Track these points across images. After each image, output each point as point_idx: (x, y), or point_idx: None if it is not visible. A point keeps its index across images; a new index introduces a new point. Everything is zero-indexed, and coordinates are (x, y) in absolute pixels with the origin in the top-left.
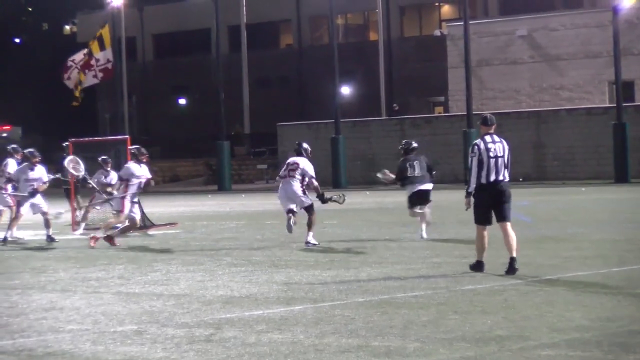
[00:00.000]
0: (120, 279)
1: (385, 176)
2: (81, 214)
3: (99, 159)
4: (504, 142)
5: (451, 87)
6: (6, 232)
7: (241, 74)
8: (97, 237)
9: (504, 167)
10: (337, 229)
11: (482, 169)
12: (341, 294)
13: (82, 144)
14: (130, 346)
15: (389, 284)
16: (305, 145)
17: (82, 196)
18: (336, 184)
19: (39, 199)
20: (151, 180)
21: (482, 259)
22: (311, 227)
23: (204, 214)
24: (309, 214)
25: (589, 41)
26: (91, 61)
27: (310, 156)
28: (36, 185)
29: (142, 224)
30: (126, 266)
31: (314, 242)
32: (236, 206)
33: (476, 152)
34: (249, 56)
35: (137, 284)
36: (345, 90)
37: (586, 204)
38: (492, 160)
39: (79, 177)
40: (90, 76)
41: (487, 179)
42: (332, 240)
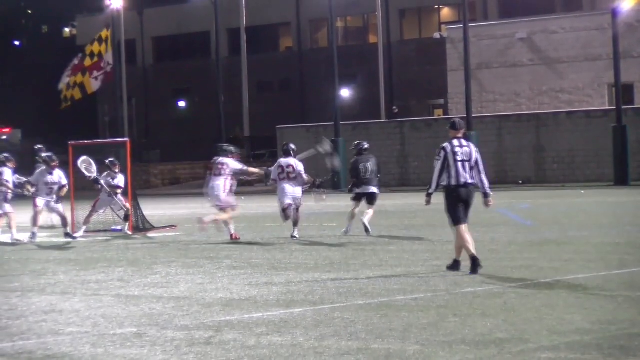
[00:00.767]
0: (120, 282)
1: (323, 147)
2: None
3: (107, 161)
4: (472, 146)
5: (451, 90)
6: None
7: (241, 76)
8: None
9: (471, 171)
10: (336, 232)
11: (449, 171)
12: (341, 297)
13: (82, 147)
14: (130, 349)
15: (389, 287)
16: (292, 145)
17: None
18: (336, 186)
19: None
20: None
21: (458, 259)
22: (297, 223)
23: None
24: (298, 212)
25: (588, 44)
26: (101, 63)
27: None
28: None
29: (141, 226)
30: (126, 269)
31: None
32: (236, 208)
33: (442, 155)
34: (249, 59)
35: (137, 286)
36: (345, 93)
37: (586, 206)
38: (459, 163)
39: (90, 177)
40: (99, 80)
41: (457, 182)
42: (332, 243)
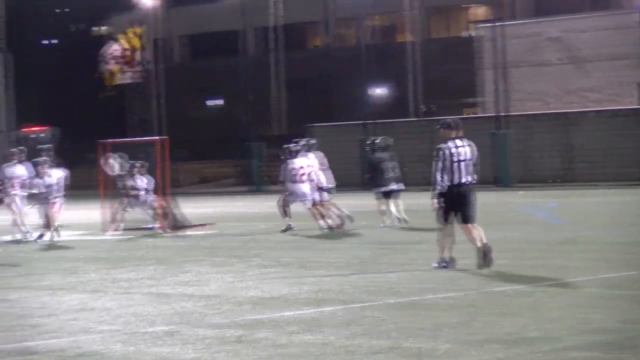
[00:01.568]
0: (150, 280)
1: None
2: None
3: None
4: (471, 145)
5: (480, 88)
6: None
7: (270, 75)
8: None
9: (469, 170)
10: (366, 231)
11: (446, 172)
12: (371, 296)
13: (114, 145)
14: (161, 347)
15: (419, 286)
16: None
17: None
18: (365, 185)
19: None
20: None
21: (444, 255)
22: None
23: (234, 215)
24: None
25: (616, 43)
26: (133, 61)
27: None
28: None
29: (177, 224)
30: (156, 267)
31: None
32: (266, 207)
33: (441, 156)
34: (277, 58)
35: (168, 284)
36: (373, 91)
37: (614, 206)
38: (456, 164)
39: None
40: (128, 75)
41: (452, 181)
42: (362, 242)
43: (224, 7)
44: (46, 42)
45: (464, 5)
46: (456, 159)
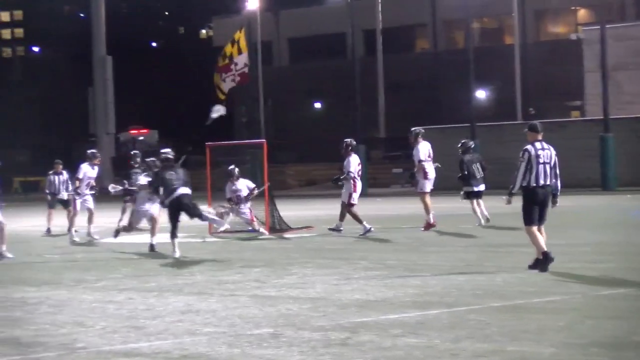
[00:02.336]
0: (256, 282)
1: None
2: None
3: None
4: (551, 149)
5: (587, 91)
6: (88, 231)
7: (376, 77)
8: None
9: (551, 172)
10: (471, 233)
11: (531, 173)
12: (476, 299)
13: (220, 148)
14: (266, 349)
15: (524, 289)
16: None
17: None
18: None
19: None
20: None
21: (546, 251)
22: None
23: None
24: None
25: None
26: (230, 65)
27: None
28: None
29: (278, 227)
30: (262, 269)
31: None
32: (371, 210)
33: (526, 157)
34: (384, 60)
35: (273, 287)
36: (480, 94)
37: None
38: (541, 165)
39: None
40: (229, 80)
41: (536, 183)
42: (467, 245)
43: (330, 9)
44: (154, 44)
45: (572, 7)
46: (541, 161)
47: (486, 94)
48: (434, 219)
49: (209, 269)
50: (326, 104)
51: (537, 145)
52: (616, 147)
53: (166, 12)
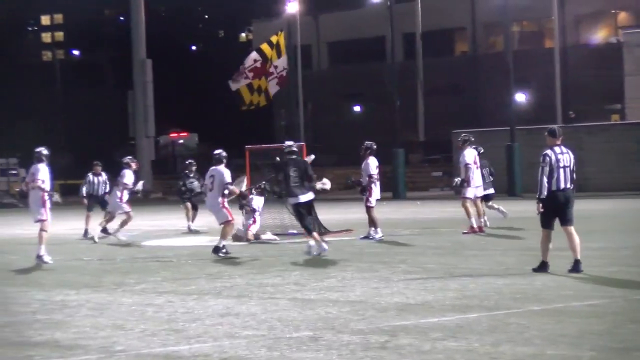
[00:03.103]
0: (296, 285)
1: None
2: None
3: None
4: (570, 152)
5: (628, 94)
6: (117, 232)
7: (415, 81)
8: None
9: (570, 176)
10: (511, 237)
11: (552, 177)
12: (516, 303)
13: (259, 151)
14: (305, 352)
15: (564, 293)
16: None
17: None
18: (511, 192)
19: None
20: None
21: (546, 260)
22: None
23: (378, 221)
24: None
25: None
26: (270, 68)
27: None
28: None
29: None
30: (302, 272)
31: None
32: (410, 213)
33: (547, 161)
34: (423, 63)
35: (313, 290)
36: (519, 97)
37: None
38: (561, 169)
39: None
40: (273, 84)
41: (557, 187)
42: (506, 248)
43: (370, 13)
44: (193, 47)
45: (612, 10)
46: (561, 165)
47: (526, 97)
48: (477, 224)
49: (248, 272)
50: (365, 108)
51: (557, 149)
52: None
53: (206, 16)
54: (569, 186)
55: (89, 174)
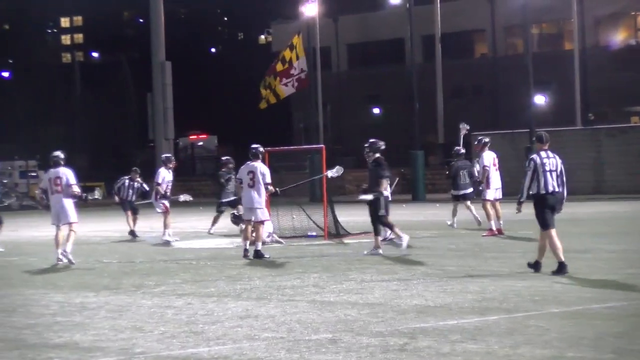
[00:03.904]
0: (315, 287)
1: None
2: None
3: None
4: (557, 157)
5: None
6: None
7: (435, 83)
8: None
9: (557, 180)
10: (530, 239)
11: (539, 181)
12: (535, 305)
13: (278, 153)
14: (324, 355)
15: (583, 295)
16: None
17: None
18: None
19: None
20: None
21: (561, 260)
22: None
23: (398, 223)
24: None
25: None
26: (291, 70)
27: None
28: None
29: (336, 232)
30: (321, 274)
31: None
32: (430, 216)
33: (532, 166)
34: (442, 66)
35: (332, 292)
36: (539, 99)
37: None
38: (548, 173)
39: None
40: (290, 86)
41: (546, 190)
42: (525, 250)
43: (389, 15)
44: (212, 50)
45: (632, 12)
46: (547, 168)
47: (545, 99)
48: (497, 227)
49: (267, 274)
50: (385, 110)
51: (543, 154)
52: None
53: (225, 18)
54: (558, 189)
55: (126, 178)
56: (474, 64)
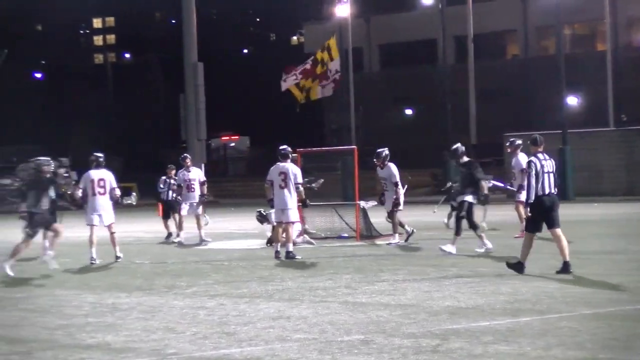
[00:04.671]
0: (347, 289)
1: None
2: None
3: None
4: (551, 159)
5: None
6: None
7: (467, 84)
8: None
9: (554, 181)
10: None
11: (538, 182)
12: (568, 306)
13: (310, 154)
14: (356, 356)
15: (615, 296)
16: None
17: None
18: (563, 195)
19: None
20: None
21: (524, 262)
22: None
23: (429, 224)
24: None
25: None
26: (328, 72)
27: None
28: None
29: (368, 233)
30: (353, 276)
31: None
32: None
33: (533, 167)
34: (475, 66)
35: (364, 293)
36: (571, 100)
37: None
38: (546, 174)
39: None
40: (328, 87)
41: (542, 192)
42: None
43: (421, 16)
44: (245, 50)
45: None
46: (546, 170)
47: (577, 100)
48: None
49: (299, 275)
50: (417, 111)
51: (540, 156)
52: None
53: (257, 19)
54: (553, 191)
55: (164, 177)
56: (506, 64)
